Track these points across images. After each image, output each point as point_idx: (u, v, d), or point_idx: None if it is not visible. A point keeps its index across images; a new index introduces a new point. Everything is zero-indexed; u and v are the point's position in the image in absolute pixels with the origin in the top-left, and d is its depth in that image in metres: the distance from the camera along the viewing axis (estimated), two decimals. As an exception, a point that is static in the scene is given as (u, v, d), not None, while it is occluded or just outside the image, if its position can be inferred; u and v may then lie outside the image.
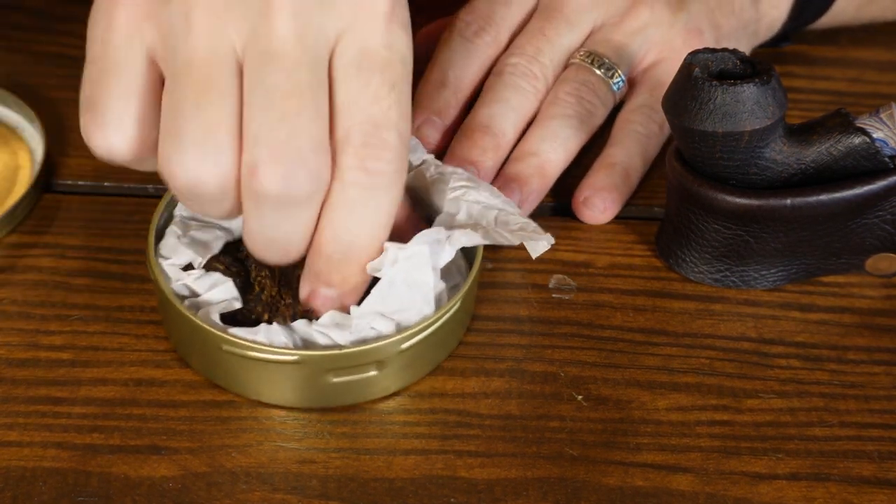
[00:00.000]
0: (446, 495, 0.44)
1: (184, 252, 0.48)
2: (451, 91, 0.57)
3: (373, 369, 0.46)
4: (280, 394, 0.46)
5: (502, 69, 0.57)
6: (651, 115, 0.57)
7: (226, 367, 0.46)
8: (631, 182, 0.56)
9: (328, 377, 0.45)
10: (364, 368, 0.45)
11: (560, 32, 0.58)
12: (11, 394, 0.47)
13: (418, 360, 0.47)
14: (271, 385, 0.46)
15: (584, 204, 0.55)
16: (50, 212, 0.55)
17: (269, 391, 0.46)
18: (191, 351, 0.47)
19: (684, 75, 0.48)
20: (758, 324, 0.51)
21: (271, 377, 0.46)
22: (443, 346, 0.48)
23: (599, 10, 0.59)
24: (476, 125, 0.55)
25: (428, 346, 0.47)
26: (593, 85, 0.57)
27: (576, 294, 0.52)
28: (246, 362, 0.45)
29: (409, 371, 0.47)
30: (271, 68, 0.40)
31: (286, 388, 0.46)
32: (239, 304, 0.47)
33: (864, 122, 0.49)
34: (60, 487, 0.43)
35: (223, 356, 0.45)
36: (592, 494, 0.44)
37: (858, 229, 0.50)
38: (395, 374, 0.46)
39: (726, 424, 0.47)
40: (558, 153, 0.55)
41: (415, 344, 0.46)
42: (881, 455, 0.45)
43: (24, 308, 0.50)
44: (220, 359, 0.46)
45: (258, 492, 0.43)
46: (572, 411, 0.47)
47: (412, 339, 0.45)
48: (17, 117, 0.59)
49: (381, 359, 0.45)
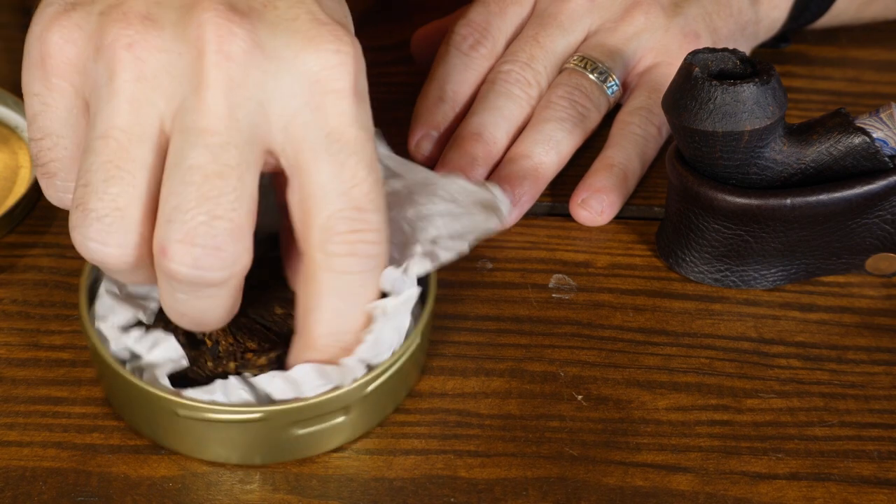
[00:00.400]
0: (446, 495, 0.44)
1: (122, 310, 0.45)
2: (449, 105, 0.57)
3: (340, 416, 0.44)
4: (240, 453, 0.44)
5: (495, 77, 0.57)
6: (649, 117, 0.57)
7: (181, 432, 0.43)
8: (629, 184, 0.56)
9: (293, 430, 0.43)
10: (330, 416, 0.43)
11: (554, 39, 0.58)
12: (11, 394, 0.47)
13: (382, 399, 0.45)
14: (231, 445, 0.43)
15: (581, 206, 0.55)
16: (50, 212, 0.55)
17: (228, 452, 0.44)
18: (140, 418, 0.44)
19: (684, 75, 0.48)
20: (758, 324, 0.51)
21: (233, 437, 0.43)
22: (404, 382, 0.46)
23: (594, 16, 0.59)
24: (468, 133, 0.55)
25: (392, 384, 0.45)
26: (587, 89, 0.57)
27: (576, 294, 0.52)
28: (205, 425, 0.42)
29: (373, 414, 0.45)
30: (195, 145, 0.38)
31: (247, 445, 0.43)
32: (186, 363, 0.44)
33: (864, 122, 0.49)
34: (60, 487, 0.43)
35: (179, 421, 0.43)
36: (592, 494, 0.44)
37: (858, 229, 0.50)
38: (360, 419, 0.45)
39: (726, 424, 0.47)
40: (551, 156, 0.55)
41: (380, 384, 0.44)
42: (881, 455, 0.45)
43: (24, 308, 0.50)
44: (174, 424, 0.43)
45: (258, 492, 0.43)
46: (572, 411, 0.47)
47: (378, 379, 0.43)
48: (17, 117, 0.59)
49: (347, 404, 0.43)
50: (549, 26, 0.58)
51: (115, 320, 0.45)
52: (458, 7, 0.62)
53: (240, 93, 0.38)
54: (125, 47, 0.38)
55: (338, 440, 0.45)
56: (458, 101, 0.57)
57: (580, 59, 0.58)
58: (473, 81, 0.58)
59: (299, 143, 0.39)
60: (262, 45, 0.39)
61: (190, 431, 0.43)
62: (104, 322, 0.45)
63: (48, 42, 0.40)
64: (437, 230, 0.46)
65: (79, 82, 0.40)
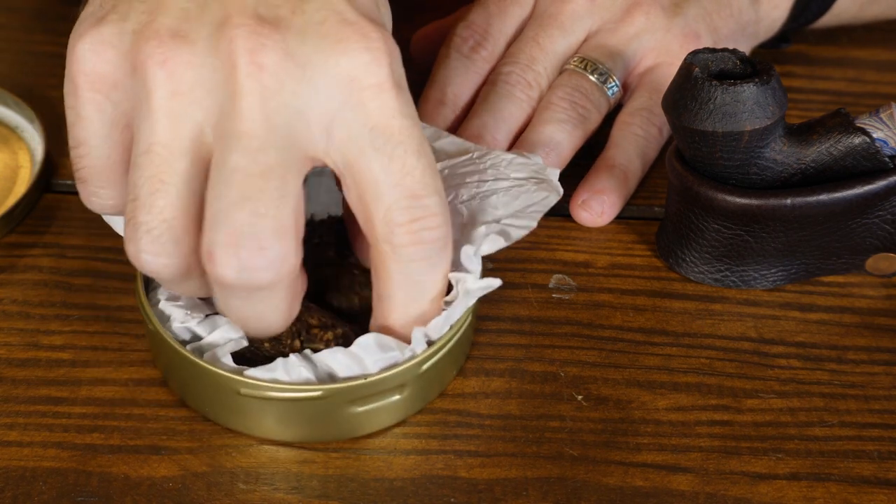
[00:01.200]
0: (446, 495, 0.44)
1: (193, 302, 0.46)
2: (450, 108, 0.57)
3: (395, 394, 0.44)
4: (298, 431, 0.45)
5: (496, 78, 0.57)
6: (650, 118, 0.57)
7: (241, 411, 0.44)
8: (629, 185, 0.56)
9: (351, 408, 0.44)
10: (388, 394, 0.44)
11: (554, 40, 0.58)
12: (11, 394, 0.47)
13: (436, 378, 0.46)
14: (289, 423, 0.44)
15: (581, 206, 0.55)
16: (50, 212, 0.55)
17: (287, 430, 0.45)
18: (199, 397, 0.45)
19: (684, 75, 0.48)
20: (758, 324, 0.51)
21: (291, 415, 0.44)
22: (455, 362, 0.47)
23: (594, 17, 0.59)
24: (469, 135, 0.55)
25: (445, 363, 0.46)
26: (587, 90, 0.57)
27: (576, 294, 0.52)
28: (265, 403, 0.43)
29: (427, 391, 0.46)
30: (234, 149, 0.38)
31: (306, 423, 0.44)
32: (245, 343, 0.45)
33: (864, 122, 0.49)
34: (60, 487, 0.43)
35: (240, 400, 0.43)
36: (592, 494, 0.44)
37: (858, 229, 0.50)
38: (415, 397, 0.45)
39: (726, 424, 0.47)
40: (551, 157, 0.55)
41: (434, 363, 0.45)
42: (881, 455, 0.45)
43: (24, 308, 0.50)
44: (235, 403, 0.44)
45: (258, 492, 0.43)
46: (572, 411, 0.47)
47: (432, 358, 0.44)
48: (17, 117, 0.59)
49: (403, 382, 0.44)
50: (550, 27, 0.58)
51: (185, 304, 0.46)
52: (457, 7, 0.62)
53: (275, 100, 0.39)
54: (159, 64, 0.39)
55: (392, 418, 0.46)
56: (458, 104, 0.58)
57: (580, 61, 0.58)
58: (474, 84, 0.58)
59: (345, 144, 0.40)
60: (293, 53, 0.39)
61: (250, 410, 0.44)
62: (172, 302, 0.46)
63: (79, 57, 0.41)
64: (496, 209, 0.48)
65: (116, 97, 0.41)
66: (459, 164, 0.50)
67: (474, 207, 0.48)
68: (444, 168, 0.49)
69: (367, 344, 0.43)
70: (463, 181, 0.49)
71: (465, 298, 0.44)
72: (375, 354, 0.43)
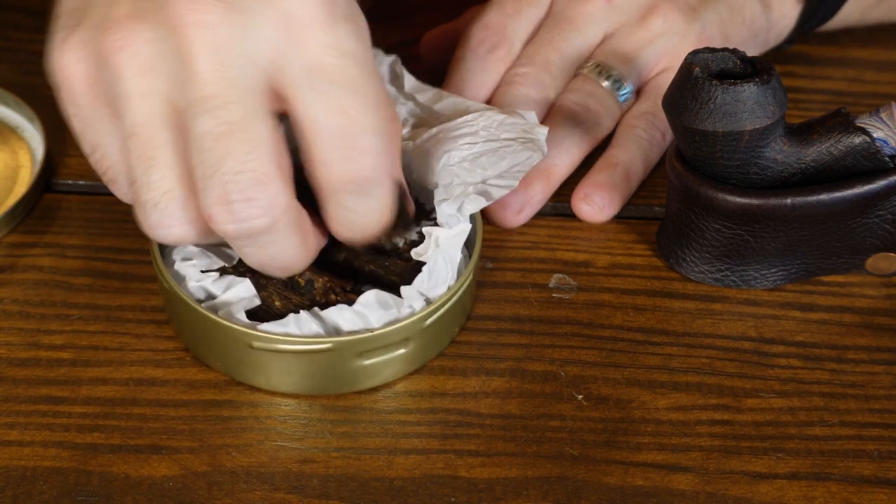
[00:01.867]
0: (446, 495, 0.44)
1: (206, 257, 0.48)
2: None
3: (401, 347, 0.46)
4: (308, 383, 0.46)
5: (512, 79, 0.57)
6: (654, 122, 0.57)
7: (254, 364, 0.46)
8: (631, 184, 0.56)
9: (359, 360, 0.46)
10: (393, 348, 0.46)
11: (570, 42, 0.58)
12: (12, 393, 0.47)
13: (439, 334, 0.48)
14: (299, 375, 0.46)
15: (584, 200, 0.55)
16: (50, 211, 0.55)
17: (296, 381, 0.46)
18: (210, 351, 0.47)
19: (684, 75, 0.48)
20: (758, 323, 0.51)
21: (301, 367, 0.46)
22: (456, 319, 0.49)
23: (611, 19, 0.59)
24: None
25: (447, 319, 0.47)
26: (599, 96, 0.57)
27: (576, 294, 0.52)
28: (277, 356, 0.45)
29: (430, 347, 0.48)
30: (198, 114, 0.40)
31: (316, 376, 0.46)
32: (258, 301, 0.47)
33: (864, 122, 0.49)
34: (61, 487, 0.43)
35: (253, 354, 0.45)
36: (592, 494, 0.44)
37: (859, 229, 0.50)
38: (419, 351, 0.47)
39: (726, 424, 0.47)
40: (563, 159, 0.55)
41: (439, 317, 0.47)
42: (881, 454, 0.45)
43: (24, 308, 0.50)
44: (248, 357, 0.46)
45: (259, 491, 0.44)
46: (572, 411, 0.47)
47: (436, 313, 0.46)
48: (17, 117, 0.59)
49: (408, 336, 0.46)
50: (565, 30, 0.58)
51: (198, 263, 0.47)
52: (458, 6, 0.62)
53: (225, 53, 0.40)
54: (119, 50, 0.41)
55: (397, 371, 0.47)
56: None
57: (594, 66, 0.57)
58: (491, 85, 0.58)
59: (286, 80, 0.41)
60: (232, 3, 0.40)
61: (262, 363, 0.46)
62: (187, 262, 0.47)
63: (62, 67, 0.42)
64: (485, 170, 0.50)
65: (101, 92, 0.42)
66: (454, 125, 0.51)
67: (464, 169, 0.50)
68: (438, 131, 0.51)
69: (368, 302, 0.45)
70: (455, 144, 0.50)
71: (438, 251, 0.47)
72: (377, 311, 0.45)
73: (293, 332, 0.45)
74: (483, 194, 0.48)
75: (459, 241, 0.48)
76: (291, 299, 0.47)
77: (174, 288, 0.46)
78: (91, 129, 0.43)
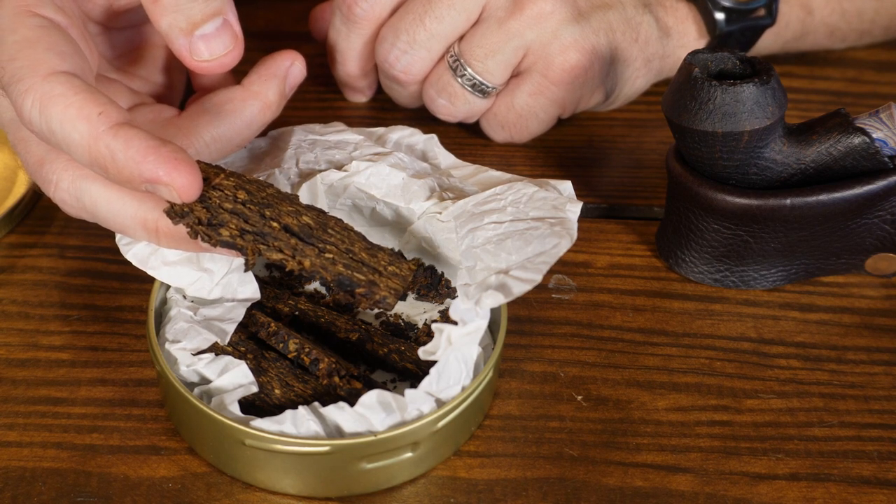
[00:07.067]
0: (446, 495, 0.44)
1: (196, 334, 0.45)
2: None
3: (408, 451, 0.43)
4: (305, 484, 0.43)
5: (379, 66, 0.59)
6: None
7: (248, 461, 0.43)
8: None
9: (361, 464, 0.42)
10: (399, 452, 0.43)
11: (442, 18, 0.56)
12: (11, 394, 0.47)
13: (454, 435, 0.44)
14: (297, 476, 0.43)
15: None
16: (50, 212, 0.55)
17: (293, 482, 0.43)
18: (203, 443, 0.44)
19: (684, 75, 0.48)
20: (758, 324, 0.51)
21: (298, 469, 0.42)
22: (474, 416, 0.46)
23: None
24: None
25: (461, 421, 0.44)
26: (456, 93, 0.57)
27: (576, 294, 0.52)
28: (271, 456, 0.42)
29: (442, 448, 0.44)
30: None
31: (314, 478, 0.43)
32: (255, 389, 0.44)
33: (864, 122, 0.49)
34: (60, 487, 0.43)
35: (245, 450, 0.42)
36: (592, 494, 0.44)
37: (858, 229, 0.50)
38: (429, 453, 0.44)
39: (726, 424, 0.47)
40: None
41: (451, 420, 0.43)
42: (881, 455, 0.45)
43: (23, 308, 0.50)
44: (240, 453, 0.42)
45: (257, 492, 0.43)
46: (572, 411, 0.47)
47: (449, 416, 0.43)
48: (16, 117, 0.59)
49: (417, 440, 0.43)
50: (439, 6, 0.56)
51: (188, 344, 0.44)
52: None
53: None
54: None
55: (406, 475, 0.44)
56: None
57: (454, 61, 0.56)
58: (357, 45, 0.60)
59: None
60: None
61: (256, 461, 0.42)
62: (176, 345, 0.44)
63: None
64: (509, 255, 0.46)
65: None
66: (482, 201, 0.49)
67: (488, 252, 0.47)
68: (465, 204, 0.49)
69: (370, 403, 0.42)
70: (481, 223, 0.48)
71: (451, 349, 0.43)
72: (380, 414, 0.42)
73: (289, 432, 0.41)
74: (502, 289, 0.44)
75: (474, 338, 0.44)
76: (294, 388, 0.44)
77: (165, 371, 0.43)
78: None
